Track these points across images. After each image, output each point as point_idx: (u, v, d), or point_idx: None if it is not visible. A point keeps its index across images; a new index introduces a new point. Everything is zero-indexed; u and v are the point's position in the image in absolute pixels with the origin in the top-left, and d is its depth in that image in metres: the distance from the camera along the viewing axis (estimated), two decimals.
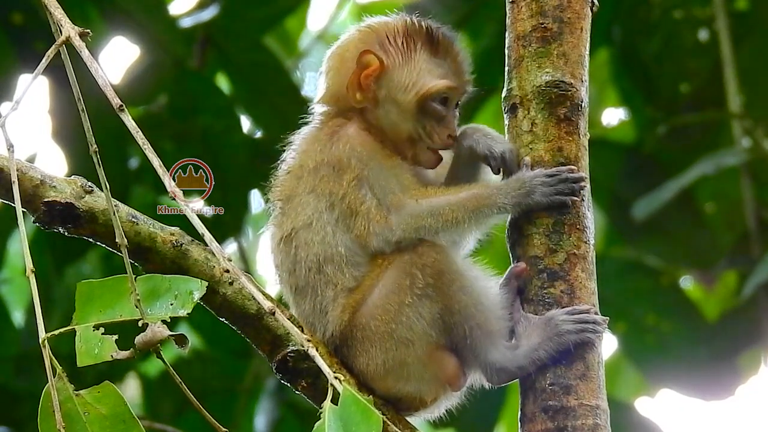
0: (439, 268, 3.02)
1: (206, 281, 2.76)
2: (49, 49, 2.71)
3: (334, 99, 3.23)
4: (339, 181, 3.09)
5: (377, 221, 3.06)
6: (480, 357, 3.03)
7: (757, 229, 6.60)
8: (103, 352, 2.61)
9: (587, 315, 2.99)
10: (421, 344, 3.04)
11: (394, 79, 3.17)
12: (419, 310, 3.03)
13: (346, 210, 3.08)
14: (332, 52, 3.25)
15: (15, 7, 6.30)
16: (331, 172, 3.11)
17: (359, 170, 3.09)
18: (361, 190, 3.08)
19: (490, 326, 3.02)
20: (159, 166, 2.57)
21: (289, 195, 3.16)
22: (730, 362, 6.60)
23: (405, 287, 3.02)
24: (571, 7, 3.18)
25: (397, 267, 3.04)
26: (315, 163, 3.14)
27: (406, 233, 3.05)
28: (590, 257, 3.08)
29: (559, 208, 3.05)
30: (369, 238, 3.06)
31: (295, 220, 3.12)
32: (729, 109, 6.68)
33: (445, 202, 3.05)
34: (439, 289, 3.02)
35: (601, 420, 2.98)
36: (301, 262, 3.11)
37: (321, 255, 3.09)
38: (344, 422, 2.43)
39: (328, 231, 3.08)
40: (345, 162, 3.10)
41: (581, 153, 3.11)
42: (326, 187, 3.10)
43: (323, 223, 3.09)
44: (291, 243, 3.13)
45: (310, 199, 3.12)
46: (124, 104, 2.63)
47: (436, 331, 3.03)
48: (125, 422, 2.59)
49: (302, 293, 3.12)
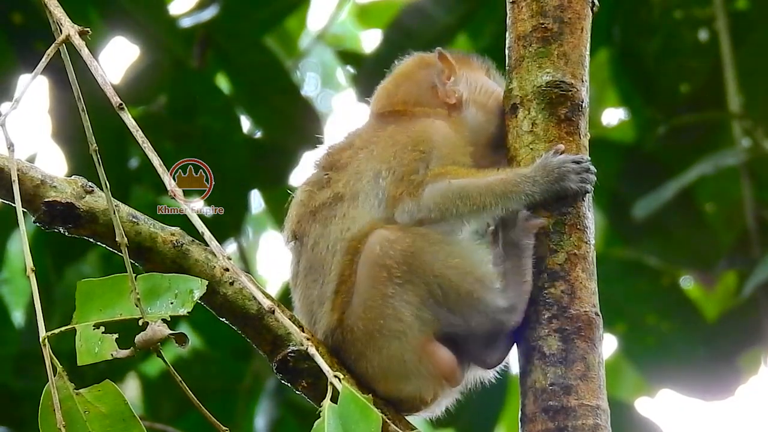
0: (415, 248, 3.02)
1: (207, 281, 2.76)
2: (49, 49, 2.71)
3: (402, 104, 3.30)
4: (410, 149, 3.14)
5: (411, 193, 3.08)
6: (486, 308, 3.03)
7: (757, 229, 6.60)
8: (103, 350, 2.60)
9: (523, 216, 3.04)
10: (414, 334, 3.03)
11: (470, 82, 3.27)
12: (404, 297, 3.02)
13: (399, 175, 3.11)
14: (396, 72, 3.39)
15: (15, 7, 6.31)
16: (406, 139, 3.16)
17: (432, 147, 3.14)
18: (421, 163, 3.12)
19: (485, 277, 3.03)
20: (159, 165, 2.57)
21: (342, 164, 3.18)
22: (730, 362, 6.60)
23: (383, 279, 3.02)
24: (571, 7, 3.18)
25: (368, 262, 3.04)
26: (390, 134, 3.18)
27: (432, 213, 3.07)
28: (591, 257, 3.08)
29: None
30: (398, 204, 3.08)
31: (341, 188, 3.14)
32: (729, 109, 6.68)
33: (474, 185, 3.06)
34: (418, 270, 3.01)
35: (602, 420, 2.98)
36: (328, 236, 3.11)
37: (344, 232, 3.09)
38: (344, 421, 2.43)
39: (374, 204, 3.11)
40: (425, 136, 3.16)
41: (582, 153, 3.11)
42: (393, 152, 3.14)
43: (374, 192, 3.12)
44: (329, 210, 3.13)
45: (368, 167, 3.14)
46: (123, 103, 2.63)
47: (429, 311, 3.03)
48: (125, 421, 2.59)
49: (314, 273, 3.11)
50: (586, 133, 3.15)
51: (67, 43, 2.70)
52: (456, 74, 3.30)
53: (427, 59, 3.38)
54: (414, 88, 3.33)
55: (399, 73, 3.40)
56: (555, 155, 3.05)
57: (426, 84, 3.33)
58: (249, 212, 6.82)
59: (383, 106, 3.35)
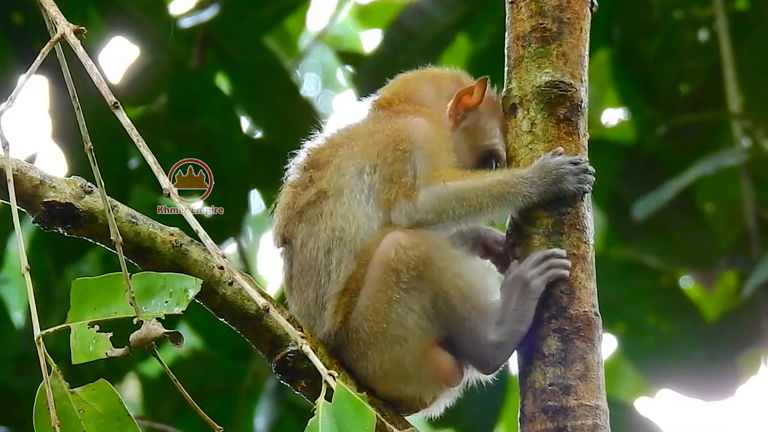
0: (428, 258, 3.01)
1: (205, 281, 2.75)
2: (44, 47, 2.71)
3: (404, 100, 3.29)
4: (392, 148, 3.13)
5: (407, 195, 3.07)
6: (478, 339, 3.02)
7: (757, 229, 6.59)
8: (98, 349, 2.60)
9: (546, 255, 3.00)
10: (415, 340, 3.03)
11: (479, 121, 3.23)
12: (408, 304, 3.02)
13: (387, 176, 3.10)
14: (427, 71, 3.39)
15: (14, 7, 6.31)
16: (386, 138, 3.15)
17: (413, 146, 3.12)
18: (407, 163, 3.11)
19: (485, 307, 3.02)
20: (153, 163, 2.56)
21: (323, 162, 3.17)
22: (730, 362, 6.59)
23: (392, 283, 3.02)
24: (570, 7, 3.18)
25: (381, 265, 3.03)
26: (369, 132, 3.18)
27: (429, 215, 3.06)
28: (590, 257, 3.08)
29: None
30: (394, 206, 3.07)
31: (325, 185, 3.13)
32: (729, 109, 6.68)
33: (471, 187, 3.06)
34: (426, 279, 3.01)
35: (601, 420, 2.98)
36: (317, 234, 3.10)
37: (337, 231, 3.08)
38: (338, 419, 2.42)
39: (360, 199, 3.10)
40: (404, 135, 3.15)
41: (581, 153, 3.11)
42: (375, 150, 3.14)
43: (359, 188, 3.11)
44: (315, 209, 3.13)
45: (350, 164, 3.13)
46: (119, 102, 2.62)
47: (429, 322, 3.03)
48: (120, 420, 2.58)
49: (307, 276, 3.10)
50: (585, 133, 3.15)
51: (62, 41, 2.69)
52: (478, 108, 3.25)
53: (464, 78, 3.35)
54: (433, 89, 3.32)
55: (429, 72, 3.40)
56: (553, 156, 3.05)
57: (444, 93, 3.31)
58: (249, 212, 6.81)
59: (388, 96, 3.33)
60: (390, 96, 3.33)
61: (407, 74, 3.40)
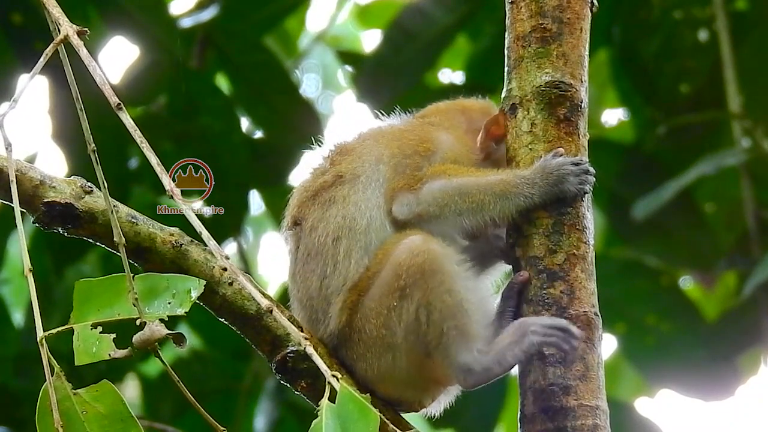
0: (430, 267, 2.99)
1: (206, 281, 2.75)
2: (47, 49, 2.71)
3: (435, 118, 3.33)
4: (415, 143, 3.17)
5: (410, 186, 3.09)
6: (450, 357, 2.99)
7: (757, 229, 6.60)
8: (101, 350, 2.61)
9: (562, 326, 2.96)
10: (407, 350, 3.02)
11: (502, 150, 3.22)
12: (400, 312, 3.01)
13: (400, 166, 3.12)
14: (458, 102, 3.42)
15: (15, 7, 6.31)
16: (413, 136, 3.19)
17: (437, 149, 3.16)
18: (425, 160, 3.14)
19: (469, 330, 2.99)
20: (156, 164, 2.56)
21: (347, 150, 3.19)
22: (730, 362, 6.59)
23: (394, 289, 3.01)
24: (570, 7, 3.18)
25: (391, 268, 3.03)
26: (400, 130, 3.22)
27: (431, 207, 3.07)
28: (590, 257, 3.08)
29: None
30: (397, 196, 3.09)
31: (343, 169, 3.14)
32: (729, 109, 6.68)
33: (473, 183, 3.07)
34: (419, 288, 2.99)
35: (601, 420, 2.98)
36: (327, 220, 3.10)
37: (348, 219, 3.08)
38: (342, 420, 2.42)
39: (374, 188, 3.11)
40: (432, 137, 3.19)
41: (581, 153, 3.11)
42: (398, 144, 3.16)
43: (375, 177, 3.12)
44: (329, 192, 3.13)
45: (372, 152, 3.16)
46: (122, 103, 2.62)
47: (412, 334, 3.00)
48: (123, 421, 2.59)
49: (312, 262, 3.10)
50: (585, 134, 3.15)
51: (65, 42, 2.69)
52: (506, 139, 3.21)
53: (492, 109, 3.31)
54: (464, 121, 3.33)
55: (461, 104, 3.41)
56: (554, 157, 3.05)
57: (471, 125, 3.30)
58: (249, 212, 6.81)
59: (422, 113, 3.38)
60: (424, 113, 3.37)
61: (439, 104, 3.42)
